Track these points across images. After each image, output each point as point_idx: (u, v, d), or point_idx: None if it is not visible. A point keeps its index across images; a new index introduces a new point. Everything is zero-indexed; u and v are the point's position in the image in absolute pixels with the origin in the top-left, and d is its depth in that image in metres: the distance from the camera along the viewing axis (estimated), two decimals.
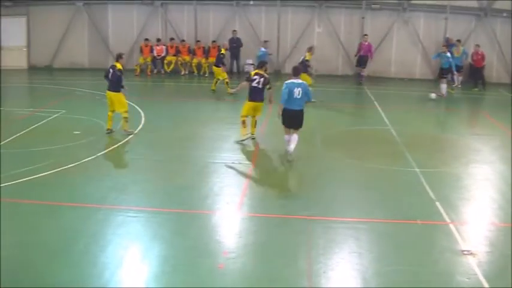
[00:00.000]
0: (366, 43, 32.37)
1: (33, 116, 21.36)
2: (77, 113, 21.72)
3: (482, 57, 32.35)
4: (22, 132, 19.22)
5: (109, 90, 19.10)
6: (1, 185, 14.04)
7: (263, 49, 31.56)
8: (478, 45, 32.44)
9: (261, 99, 18.51)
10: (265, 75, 18.56)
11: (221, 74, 27.63)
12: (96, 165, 16.21)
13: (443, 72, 28.84)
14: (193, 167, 16.26)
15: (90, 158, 16.50)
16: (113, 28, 34.33)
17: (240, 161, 16.70)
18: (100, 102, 22.18)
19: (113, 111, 19.15)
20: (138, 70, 32.88)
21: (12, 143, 18.17)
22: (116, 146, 18.16)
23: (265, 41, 32.69)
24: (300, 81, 16.65)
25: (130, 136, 19.01)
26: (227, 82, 27.31)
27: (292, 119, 16.69)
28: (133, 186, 14.54)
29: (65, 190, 14.25)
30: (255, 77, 18.41)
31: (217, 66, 27.82)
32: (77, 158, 16.41)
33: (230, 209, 13.24)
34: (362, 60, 32.42)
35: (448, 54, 28.66)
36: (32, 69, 34.32)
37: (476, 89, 31.72)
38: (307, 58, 26.02)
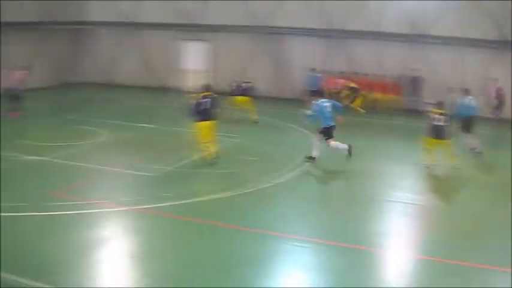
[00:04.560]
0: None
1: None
2: (254, 140, 21.87)
3: None
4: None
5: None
6: (178, 203, 14.98)
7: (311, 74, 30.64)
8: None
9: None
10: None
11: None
12: (269, 192, 16.49)
13: None
14: (365, 202, 16.08)
15: (264, 185, 16.89)
16: (294, 59, 34.46)
17: (414, 201, 16.28)
18: (277, 130, 21.68)
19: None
20: None
21: (192, 163, 19.15)
22: (291, 175, 18.14)
23: (313, 69, 31.25)
24: None
25: (306, 168, 19.01)
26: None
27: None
28: (301, 216, 14.67)
29: (236, 213, 14.74)
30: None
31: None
32: (251, 183, 16.87)
33: (399, 249, 12.96)
34: None
35: None
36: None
37: None
38: None
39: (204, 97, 19.34)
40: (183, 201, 15.15)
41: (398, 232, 14.09)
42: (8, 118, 25.80)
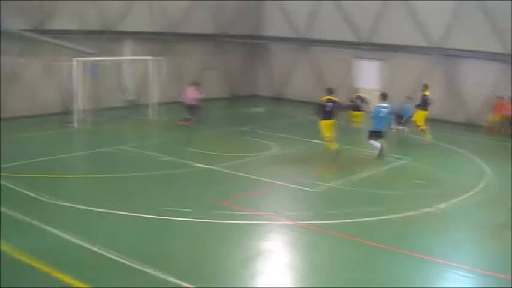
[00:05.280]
0: None
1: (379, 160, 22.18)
2: (422, 162, 21.82)
3: None
4: (371, 173, 20.48)
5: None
6: (340, 221, 15.22)
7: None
8: None
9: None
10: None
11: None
12: (434, 216, 16.26)
13: None
14: None
15: (429, 209, 16.63)
16: (468, 82, 33.66)
17: None
18: (447, 154, 22.41)
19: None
20: (488, 128, 31.13)
21: (359, 182, 19.31)
22: (457, 201, 17.77)
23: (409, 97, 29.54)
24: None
25: (472, 195, 18.52)
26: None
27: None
28: (469, 245, 14.47)
29: (397, 236, 14.67)
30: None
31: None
32: (416, 206, 16.71)
33: None
34: None
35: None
36: None
37: None
38: None
39: (329, 100, 22.48)
40: (345, 220, 15.27)
41: None
42: (183, 126, 27.43)
